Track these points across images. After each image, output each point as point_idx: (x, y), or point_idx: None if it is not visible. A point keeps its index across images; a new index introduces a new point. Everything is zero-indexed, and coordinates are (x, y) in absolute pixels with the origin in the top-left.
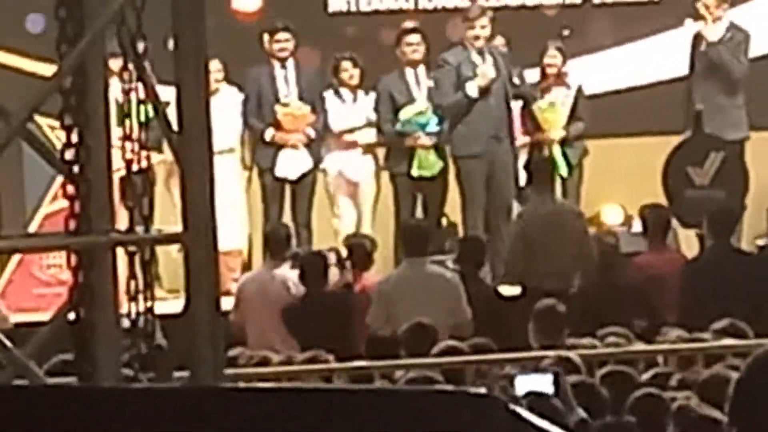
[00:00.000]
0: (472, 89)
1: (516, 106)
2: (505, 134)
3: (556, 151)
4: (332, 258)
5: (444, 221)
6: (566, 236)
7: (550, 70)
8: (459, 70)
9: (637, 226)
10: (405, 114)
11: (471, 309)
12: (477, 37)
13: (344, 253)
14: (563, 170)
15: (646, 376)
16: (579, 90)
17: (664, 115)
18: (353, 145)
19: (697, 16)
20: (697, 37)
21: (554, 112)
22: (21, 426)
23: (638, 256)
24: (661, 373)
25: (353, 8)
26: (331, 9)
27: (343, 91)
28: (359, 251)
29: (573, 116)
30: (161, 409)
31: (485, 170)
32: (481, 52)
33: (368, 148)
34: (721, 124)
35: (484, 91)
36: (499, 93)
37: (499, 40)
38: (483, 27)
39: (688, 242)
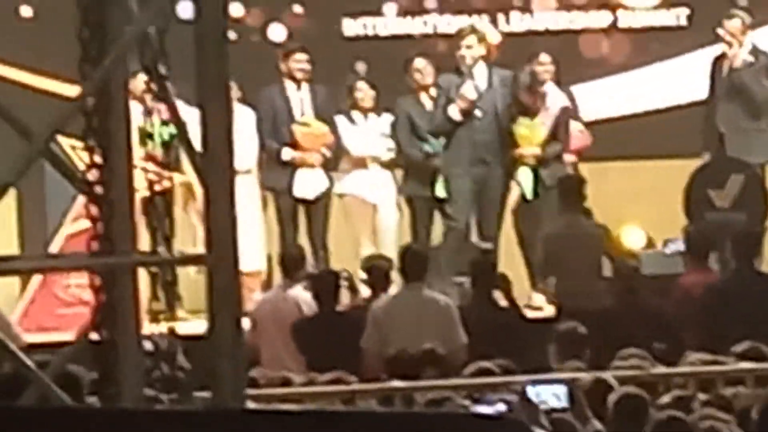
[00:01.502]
0: (453, 112)
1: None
2: (494, 157)
3: (524, 172)
4: (346, 279)
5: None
6: (593, 256)
7: (528, 95)
8: (448, 92)
9: (671, 247)
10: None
11: (472, 332)
12: (463, 57)
13: (362, 274)
14: (528, 192)
15: (666, 399)
16: (564, 111)
17: (684, 138)
18: (367, 166)
19: (722, 41)
20: (718, 61)
21: (531, 129)
22: None
23: (682, 277)
24: (682, 396)
25: (370, 32)
26: (346, 33)
27: (355, 114)
28: (377, 272)
29: (553, 137)
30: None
31: (474, 191)
32: (469, 73)
33: (383, 169)
34: (743, 147)
35: (467, 114)
36: (488, 115)
37: (545, 58)
38: (469, 47)
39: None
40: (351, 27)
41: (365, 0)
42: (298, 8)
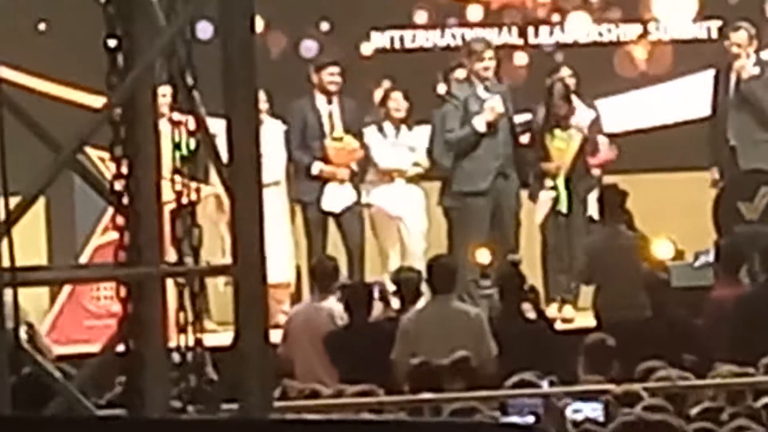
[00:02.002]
0: (480, 124)
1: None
2: (512, 170)
3: (561, 184)
4: (378, 291)
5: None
6: (635, 268)
7: (557, 101)
8: (466, 104)
9: (702, 259)
10: None
11: (500, 343)
12: (486, 69)
13: (391, 286)
14: (564, 205)
15: (695, 411)
16: (592, 124)
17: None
18: (396, 179)
19: (731, 55)
20: (720, 75)
21: (565, 141)
22: None
23: (712, 290)
24: (711, 408)
25: (396, 45)
26: (374, 45)
27: (386, 125)
28: (407, 284)
29: (581, 152)
30: None
31: (490, 207)
32: (487, 88)
33: (413, 182)
34: (756, 158)
35: (492, 126)
36: (505, 129)
37: (566, 71)
38: (491, 59)
39: None
40: (378, 40)
41: (393, 13)
42: (325, 25)
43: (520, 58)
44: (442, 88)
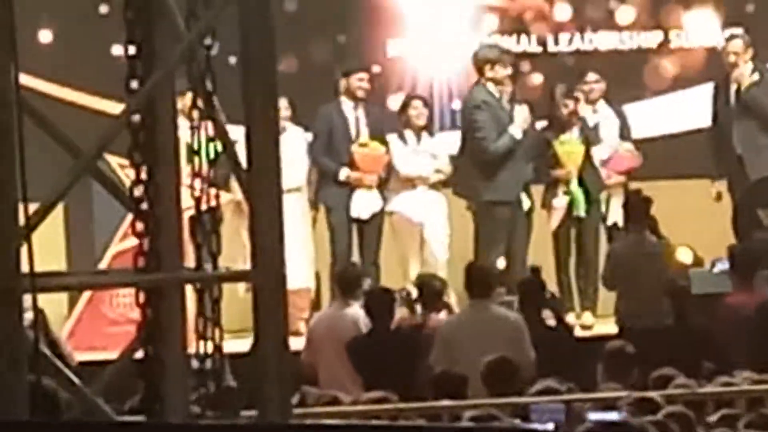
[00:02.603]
0: (516, 132)
1: (609, 147)
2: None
3: (575, 187)
4: (403, 297)
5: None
6: (659, 275)
7: (565, 109)
8: (496, 113)
9: (719, 266)
10: None
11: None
12: (508, 78)
13: (414, 292)
14: (581, 209)
15: (713, 418)
16: (595, 128)
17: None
18: (415, 186)
19: (729, 65)
20: (720, 86)
21: (574, 145)
22: None
23: (729, 296)
24: (729, 415)
25: (415, 53)
26: (390, 54)
27: (407, 133)
28: (429, 291)
29: (587, 155)
30: None
31: (512, 218)
32: (510, 98)
33: (430, 190)
34: (763, 165)
35: (524, 134)
36: (532, 138)
37: (592, 76)
38: (508, 67)
39: None
40: (395, 47)
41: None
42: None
43: (538, 66)
44: (457, 104)
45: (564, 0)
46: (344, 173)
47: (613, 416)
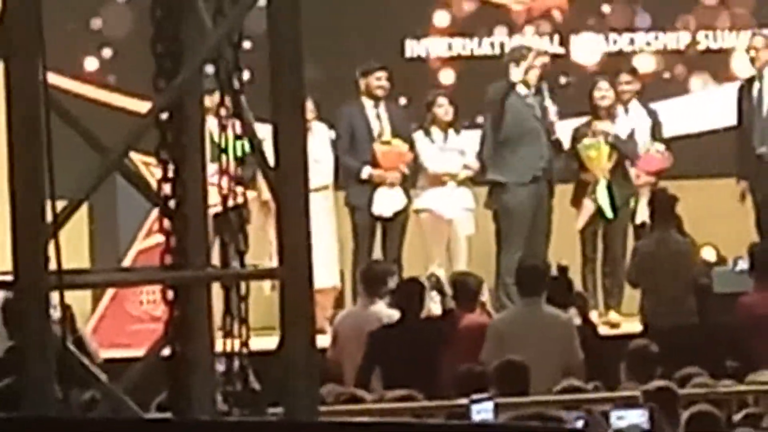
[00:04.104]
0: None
1: (641, 146)
2: (546, 174)
3: (601, 191)
4: (434, 284)
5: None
6: (685, 273)
7: (602, 103)
8: (511, 101)
9: (740, 264)
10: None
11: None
12: (531, 74)
13: (448, 289)
14: (608, 212)
15: (737, 417)
16: (632, 133)
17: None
18: (444, 183)
19: (751, 62)
20: (744, 86)
21: (598, 149)
22: None
23: (748, 295)
24: (752, 414)
25: (432, 54)
26: (407, 54)
27: (434, 130)
28: (465, 289)
29: (620, 157)
30: None
31: (531, 207)
32: (534, 92)
33: (460, 187)
34: None
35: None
36: (549, 132)
37: (626, 77)
38: (536, 65)
39: None
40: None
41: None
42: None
43: (562, 66)
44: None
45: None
46: (367, 171)
47: (634, 415)
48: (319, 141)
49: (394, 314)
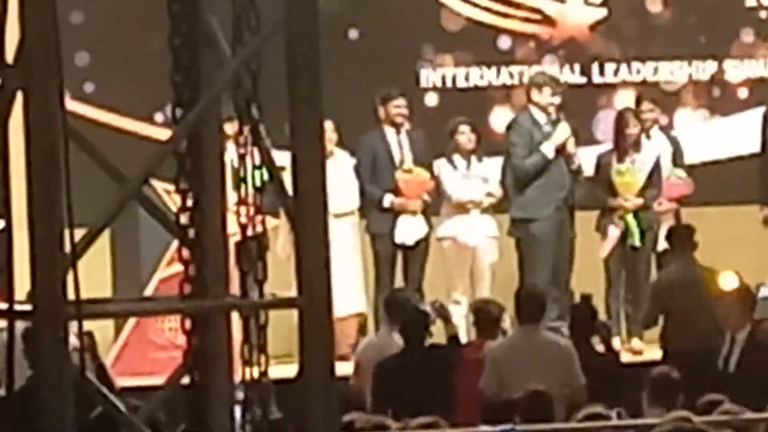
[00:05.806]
0: (549, 150)
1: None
2: (565, 201)
3: (630, 218)
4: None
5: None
6: (705, 303)
7: (630, 131)
8: (532, 133)
9: (763, 291)
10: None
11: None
12: (551, 104)
13: (470, 316)
14: (636, 239)
15: None
16: (657, 161)
17: None
18: (468, 211)
19: None
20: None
21: (632, 175)
22: None
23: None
24: None
25: (447, 84)
26: (422, 84)
27: (456, 157)
28: (486, 317)
29: (650, 183)
30: None
31: (554, 237)
32: (552, 121)
33: (483, 214)
34: None
35: (560, 152)
36: (570, 161)
37: (647, 105)
38: (555, 94)
39: None
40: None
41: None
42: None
43: (583, 95)
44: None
45: (618, 29)
46: (388, 199)
47: None
48: (342, 166)
49: None
